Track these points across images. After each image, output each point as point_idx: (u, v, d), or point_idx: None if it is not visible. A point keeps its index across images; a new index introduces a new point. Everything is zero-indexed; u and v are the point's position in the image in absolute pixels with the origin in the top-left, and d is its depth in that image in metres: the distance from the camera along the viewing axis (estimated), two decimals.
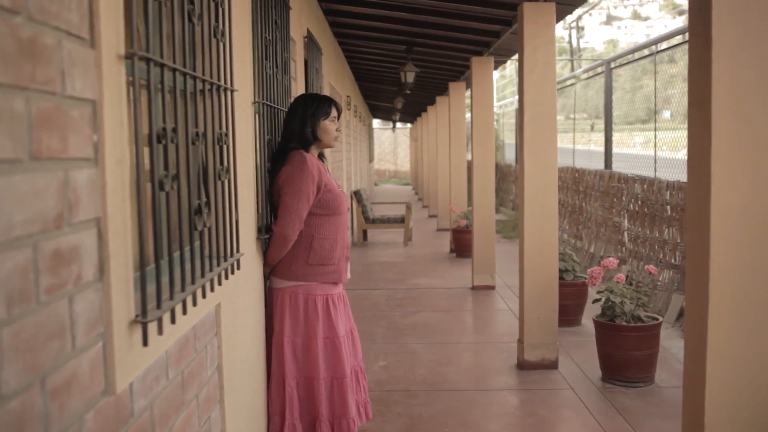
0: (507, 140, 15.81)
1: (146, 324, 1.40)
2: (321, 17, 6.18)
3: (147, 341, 1.41)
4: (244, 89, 2.54)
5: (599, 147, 8.94)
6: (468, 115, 10.63)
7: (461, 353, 5.06)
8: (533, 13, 4.53)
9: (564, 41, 33.70)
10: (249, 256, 2.59)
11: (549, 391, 4.22)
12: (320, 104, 3.04)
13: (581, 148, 10.14)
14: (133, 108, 1.39)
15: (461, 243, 9.32)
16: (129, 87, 1.41)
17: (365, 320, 5.92)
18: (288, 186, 2.88)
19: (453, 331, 5.67)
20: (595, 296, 4.68)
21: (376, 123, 29.48)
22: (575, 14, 27.86)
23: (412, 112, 18.92)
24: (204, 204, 1.84)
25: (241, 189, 2.42)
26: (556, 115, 4.59)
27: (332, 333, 2.95)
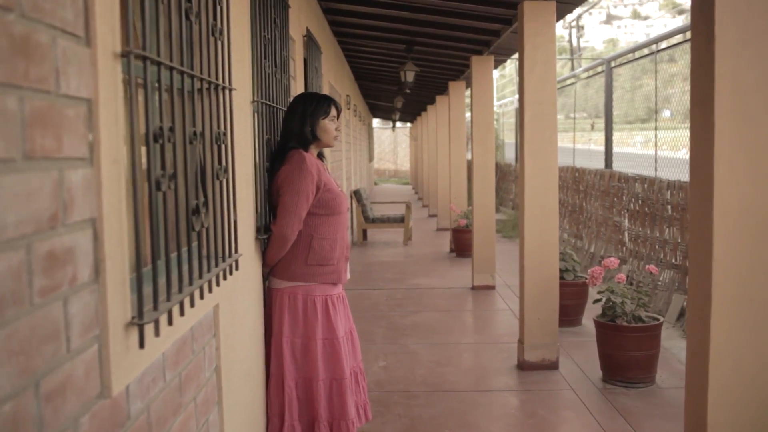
0: (507, 140, 15.81)
1: (143, 326, 1.38)
2: (320, 16, 6.16)
3: (143, 343, 1.39)
4: (243, 88, 2.53)
5: (599, 146, 8.93)
6: (468, 115, 10.62)
7: (461, 353, 5.04)
8: (533, 12, 4.51)
9: (564, 40, 33.69)
10: (248, 257, 2.58)
11: (549, 392, 4.20)
12: (320, 103, 3.02)
13: (581, 148, 10.13)
14: (130, 107, 1.38)
15: (461, 242, 9.31)
16: (125, 85, 1.39)
17: (365, 320, 5.90)
18: (287, 185, 2.87)
19: (453, 332, 5.66)
20: (596, 296, 4.67)
21: (376, 122, 29.48)
22: (575, 13, 27.84)
23: (412, 112, 18.91)
24: (202, 204, 1.82)
25: (240, 189, 2.40)
26: (557, 115, 4.58)
27: (331, 334, 2.93)
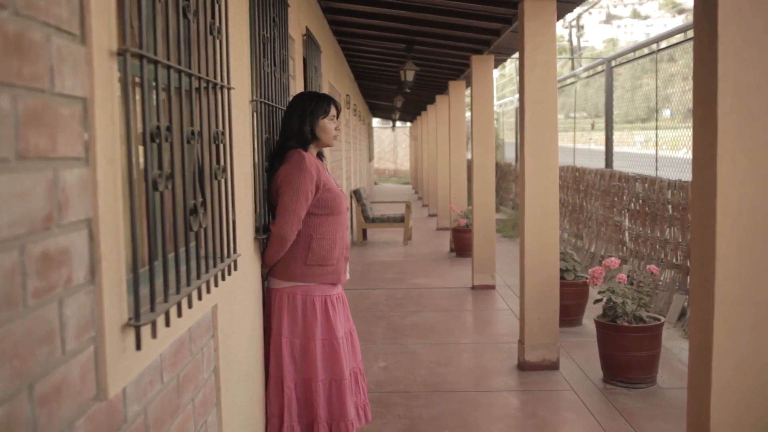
0: (507, 139, 15.79)
1: (139, 327, 1.37)
2: (320, 15, 6.15)
3: (140, 345, 1.38)
4: (242, 87, 2.51)
5: (600, 146, 8.92)
6: (468, 114, 10.60)
7: (461, 354, 5.03)
8: (534, 11, 4.49)
9: (564, 40, 33.67)
10: (246, 257, 2.56)
11: (550, 392, 4.19)
12: (319, 103, 3.01)
13: (582, 147, 10.12)
14: (126, 106, 1.36)
15: (461, 242, 9.29)
16: (122, 84, 1.38)
17: (365, 320, 5.89)
18: (286, 185, 2.85)
19: (453, 332, 5.64)
20: (596, 296, 4.65)
21: (376, 122, 29.46)
22: (575, 13, 27.84)
23: (412, 111, 18.90)
24: (200, 204, 1.81)
25: (238, 188, 2.39)
26: (557, 114, 4.56)
27: (331, 334, 2.92)
